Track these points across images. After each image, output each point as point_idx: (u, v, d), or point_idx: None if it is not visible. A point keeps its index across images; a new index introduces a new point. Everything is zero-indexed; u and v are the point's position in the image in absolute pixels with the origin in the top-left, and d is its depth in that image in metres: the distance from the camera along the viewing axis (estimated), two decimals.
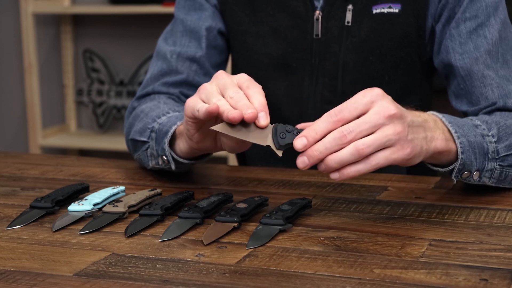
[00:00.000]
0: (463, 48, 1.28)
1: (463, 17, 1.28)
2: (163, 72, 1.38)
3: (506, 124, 1.14)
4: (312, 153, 0.93)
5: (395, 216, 1.02)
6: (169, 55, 1.38)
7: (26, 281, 0.81)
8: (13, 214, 1.05)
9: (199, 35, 1.39)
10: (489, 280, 0.79)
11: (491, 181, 1.11)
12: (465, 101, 1.30)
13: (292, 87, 1.37)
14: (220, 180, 1.24)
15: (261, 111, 0.97)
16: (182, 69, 1.37)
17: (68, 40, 3.46)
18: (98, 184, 1.20)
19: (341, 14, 1.33)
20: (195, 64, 1.38)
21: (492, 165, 1.10)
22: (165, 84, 1.37)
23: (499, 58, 1.27)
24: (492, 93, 1.26)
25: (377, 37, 1.32)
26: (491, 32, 1.27)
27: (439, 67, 1.33)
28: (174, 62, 1.38)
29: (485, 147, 1.09)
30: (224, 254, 0.88)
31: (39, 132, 3.33)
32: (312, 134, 0.93)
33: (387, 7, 1.31)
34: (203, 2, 1.40)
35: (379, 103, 0.94)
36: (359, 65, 1.34)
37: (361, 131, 0.92)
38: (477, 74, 1.27)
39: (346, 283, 0.79)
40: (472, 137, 1.07)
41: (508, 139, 1.12)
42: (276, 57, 1.37)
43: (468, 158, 1.06)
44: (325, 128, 0.93)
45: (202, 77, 1.38)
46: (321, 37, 1.34)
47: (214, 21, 1.40)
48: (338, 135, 0.92)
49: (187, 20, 1.40)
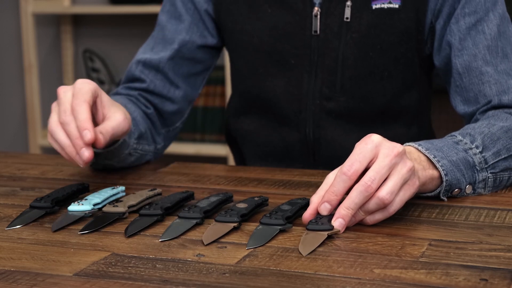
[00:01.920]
0: (462, 44, 1.28)
1: (462, 12, 1.28)
2: (128, 79, 1.44)
3: (491, 132, 1.15)
4: (346, 212, 0.94)
5: (395, 216, 1.02)
6: (135, 65, 1.44)
7: (26, 281, 0.81)
8: (13, 214, 1.05)
9: (171, 47, 1.42)
10: (489, 280, 0.79)
11: (487, 190, 1.13)
12: (459, 99, 1.30)
13: (291, 84, 1.37)
14: (220, 180, 1.24)
15: (84, 130, 1.06)
16: (145, 78, 1.42)
17: (68, 40, 3.46)
18: (98, 184, 1.20)
19: (340, 10, 1.33)
20: (159, 73, 1.42)
21: (484, 175, 1.11)
22: (128, 88, 1.43)
23: (498, 52, 1.27)
24: (490, 90, 1.26)
25: (378, 32, 1.32)
26: (490, 27, 1.27)
27: (441, 64, 1.33)
28: (138, 72, 1.43)
29: (470, 160, 1.10)
30: (224, 254, 0.88)
31: (39, 132, 3.33)
32: (334, 198, 0.95)
33: (387, 2, 1.31)
34: (182, 12, 1.42)
35: (384, 145, 0.96)
36: (359, 60, 1.34)
37: (382, 176, 0.94)
38: (475, 71, 1.27)
39: (346, 283, 0.79)
40: (453, 155, 1.09)
41: (495, 146, 1.13)
42: (274, 54, 1.37)
43: (453, 177, 1.08)
44: (343, 188, 0.95)
45: (167, 86, 1.43)
46: (320, 33, 1.34)
47: (188, 34, 1.42)
48: (363, 188, 0.94)
49: (166, 28, 1.44)
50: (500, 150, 1.13)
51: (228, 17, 1.40)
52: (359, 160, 0.95)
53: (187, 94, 1.45)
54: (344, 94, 1.36)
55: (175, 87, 1.43)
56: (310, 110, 1.37)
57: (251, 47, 1.39)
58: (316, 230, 0.93)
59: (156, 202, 1.03)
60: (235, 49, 1.43)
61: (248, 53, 1.40)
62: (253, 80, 1.41)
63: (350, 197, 0.94)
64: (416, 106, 1.39)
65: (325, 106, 1.36)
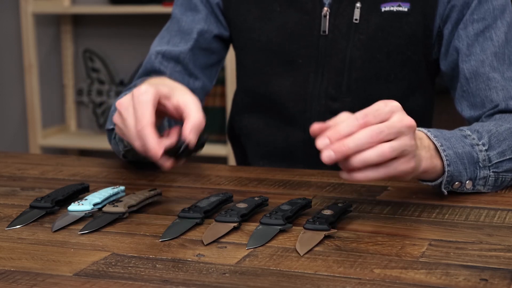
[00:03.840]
0: (469, 50, 1.29)
1: (471, 18, 1.29)
2: (146, 71, 1.41)
3: (498, 131, 1.15)
4: (341, 148, 0.92)
5: (395, 216, 1.02)
6: (154, 56, 1.41)
7: (26, 281, 0.81)
8: (13, 214, 1.05)
9: (189, 37, 1.41)
10: (489, 280, 0.79)
11: (486, 188, 1.12)
12: (465, 104, 1.30)
13: (297, 83, 1.37)
14: (220, 180, 1.24)
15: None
16: (165, 70, 1.40)
17: (68, 40, 3.46)
18: (98, 184, 1.20)
19: (349, 11, 1.33)
20: (179, 65, 1.41)
21: (485, 173, 1.11)
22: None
23: (505, 59, 1.28)
24: (496, 95, 1.26)
25: (385, 35, 1.33)
26: (498, 35, 1.28)
27: (448, 69, 1.33)
28: (158, 63, 1.40)
29: (475, 156, 1.10)
30: (224, 254, 0.88)
31: (39, 132, 3.33)
32: (336, 136, 0.93)
33: (396, 5, 1.32)
34: (197, 3, 1.41)
35: (399, 113, 0.95)
36: (366, 62, 1.34)
37: (389, 134, 0.93)
38: (483, 76, 1.28)
39: (346, 283, 0.79)
40: (459, 148, 1.08)
41: (500, 146, 1.13)
42: (282, 53, 1.37)
43: (456, 169, 1.07)
44: (349, 130, 0.93)
45: (186, 78, 1.41)
46: (328, 34, 1.34)
47: (206, 23, 1.41)
48: (370, 133, 0.92)
49: (182, 20, 1.42)
50: (505, 151, 1.13)
51: (236, 15, 1.40)
52: (373, 114, 0.94)
53: (205, 85, 1.44)
54: (349, 95, 1.36)
55: (194, 78, 1.42)
56: (315, 110, 1.37)
57: (259, 45, 1.39)
58: (314, 230, 0.93)
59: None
60: (242, 47, 1.43)
61: (256, 51, 1.40)
62: (259, 78, 1.41)
63: (353, 136, 0.92)
64: (420, 111, 1.39)
65: (330, 107, 1.36)
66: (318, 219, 0.95)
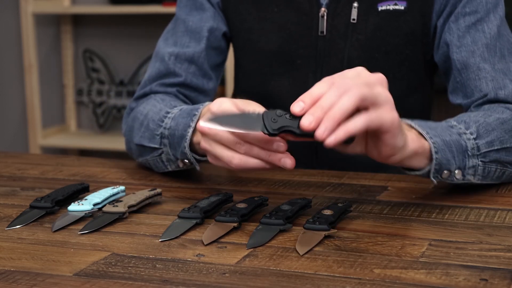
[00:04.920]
0: (460, 41, 1.29)
1: (463, 11, 1.29)
2: (161, 74, 1.38)
3: (486, 122, 1.14)
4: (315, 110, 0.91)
5: (395, 216, 1.02)
6: (167, 57, 1.38)
7: (26, 281, 0.81)
8: (13, 214, 1.05)
9: (200, 36, 1.39)
10: (489, 280, 0.79)
11: (476, 178, 1.11)
12: (460, 94, 1.30)
13: (296, 84, 1.37)
14: (220, 180, 1.24)
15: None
16: (180, 72, 1.37)
17: (68, 40, 3.47)
18: (98, 184, 1.20)
19: (346, 11, 1.33)
20: (193, 66, 1.38)
21: (474, 162, 1.09)
22: (162, 85, 1.37)
23: (496, 52, 1.27)
24: (486, 86, 1.26)
25: (383, 34, 1.32)
26: (490, 28, 1.28)
27: (439, 62, 1.33)
28: (172, 64, 1.37)
29: (463, 144, 1.08)
30: (224, 254, 0.88)
31: (39, 132, 3.33)
32: (308, 97, 0.93)
33: (392, 4, 1.32)
34: (203, 2, 1.40)
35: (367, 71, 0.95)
36: (365, 62, 1.33)
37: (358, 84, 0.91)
38: (473, 67, 1.27)
39: (346, 283, 0.79)
40: (447, 136, 1.07)
41: (489, 136, 1.12)
42: (280, 54, 1.37)
43: (444, 157, 1.05)
44: (320, 92, 0.92)
45: (201, 79, 1.39)
46: (326, 34, 1.34)
47: (215, 21, 1.40)
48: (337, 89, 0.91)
49: (189, 20, 1.40)
50: (493, 141, 1.12)
51: (235, 16, 1.40)
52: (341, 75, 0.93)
53: (216, 85, 1.43)
54: None
55: (208, 79, 1.41)
56: None
57: (258, 46, 1.39)
58: (314, 230, 0.93)
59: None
60: (241, 48, 1.43)
61: (254, 52, 1.40)
62: (258, 79, 1.41)
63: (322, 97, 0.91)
64: (419, 110, 1.39)
65: None
66: (318, 219, 0.95)
